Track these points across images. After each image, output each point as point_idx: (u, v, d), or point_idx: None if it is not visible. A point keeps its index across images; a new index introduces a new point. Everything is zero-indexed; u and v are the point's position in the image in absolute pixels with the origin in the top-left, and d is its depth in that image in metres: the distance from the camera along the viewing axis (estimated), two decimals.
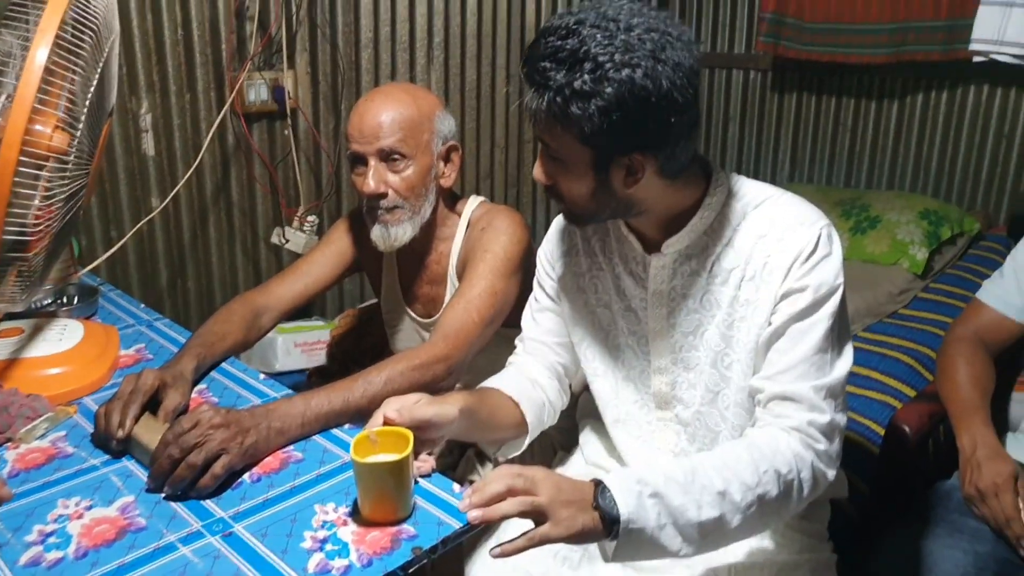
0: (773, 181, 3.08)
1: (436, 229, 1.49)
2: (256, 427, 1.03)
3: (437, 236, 1.50)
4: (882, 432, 1.69)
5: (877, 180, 2.98)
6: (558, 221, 1.27)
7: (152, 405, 1.09)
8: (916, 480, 1.52)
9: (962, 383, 1.37)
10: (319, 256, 1.56)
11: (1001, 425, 1.42)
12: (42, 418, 1.11)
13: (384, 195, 1.38)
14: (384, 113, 1.37)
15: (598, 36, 0.93)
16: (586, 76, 0.92)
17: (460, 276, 1.45)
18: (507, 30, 2.72)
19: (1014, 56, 2.43)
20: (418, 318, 1.58)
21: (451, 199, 1.51)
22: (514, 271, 1.40)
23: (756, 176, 1.73)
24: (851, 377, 1.84)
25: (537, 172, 1.07)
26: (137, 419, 1.05)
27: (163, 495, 0.96)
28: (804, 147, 3.14)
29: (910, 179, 2.89)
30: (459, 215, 1.50)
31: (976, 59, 2.51)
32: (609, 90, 0.92)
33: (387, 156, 1.37)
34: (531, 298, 1.31)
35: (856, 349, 2.00)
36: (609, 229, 1.19)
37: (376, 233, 1.41)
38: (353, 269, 1.61)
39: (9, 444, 1.07)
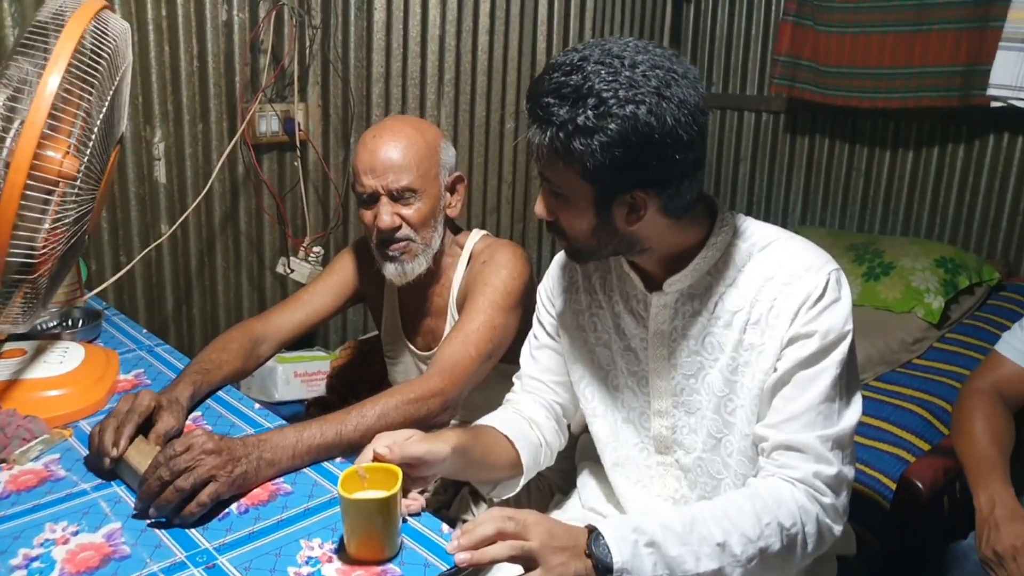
0: (784, 224, 3.10)
1: (440, 261, 1.49)
2: (247, 456, 1.02)
3: (440, 268, 1.50)
4: (893, 486, 1.63)
5: (892, 226, 2.94)
6: (559, 257, 1.26)
7: (146, 429, 1.09)
8: (929, 539, 1.47)
9: (979, 439, 1.32)
10: (321, 286, 1.56)
11: (1021, 484, 1.37)
12: (37, 440, 1.11)
13: (399, 228, 1.39)
14: (394, 150, 1.37)
15: (602, 72, 0.93)
16: (589, 112, 0.92)
17: (460, 309, 1.45)
18: (517, 68, 2.75)
19: None
20: (417, 351, 1.57)
21: (454, 231, 1.52)
22: (514, 305, 1.39)
23: (767, 218, 1.72)
24: (862, 428, 1.83)
25: (539, 208, 1.07)
26: (131, 440, 1.05)
27: (148, 521, 0.95)
28: (816, 190, 3.12)
29: (926, 226, 2.86)
30: (461, 247, 1.51)
31: (994, 104, 2.50)
32: (612, 126, 0.91)
33: (400, 194, 1.38)
34: (530, 335, 1.29)
35: (867, 399, 1.98)
36: (611, 266, 1.18)
37: (391, 270, 1.42)
38: (355, 300, 1.61)
39: (3, 465, 1.06)
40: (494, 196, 2.83)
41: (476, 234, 1.53)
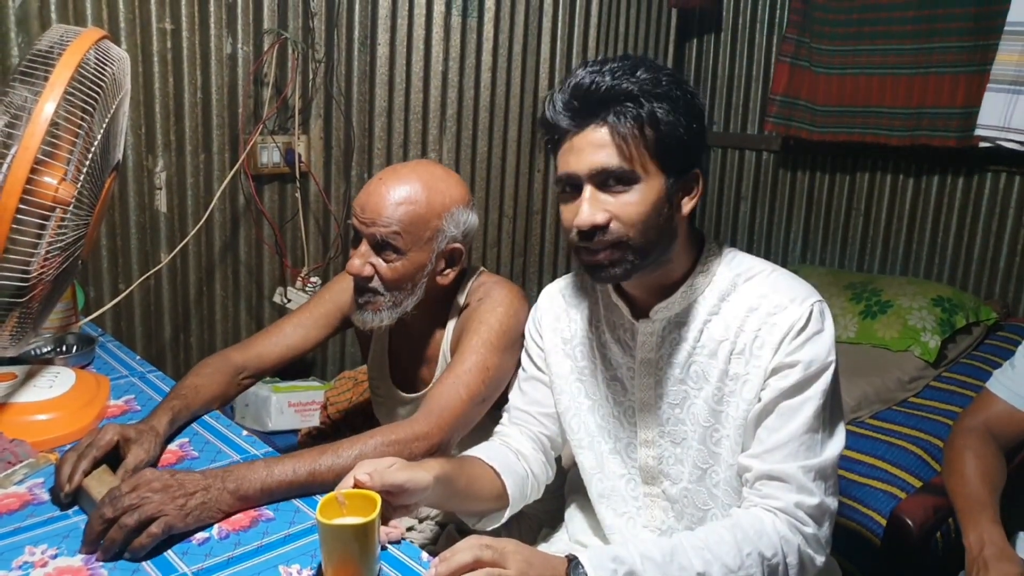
0: (784, 262, 3.12)
1: (432, 312, 1.41)
2: (205, 489, 0.99)
3: (433, 318, 1.42)
4: (884, 523, 1.63)
5: (891, 265, 2.96)
6: (547, 290, 1.27)
7: (116, 461, 1.07)
8: None
9: (970, 477, 1.31)
10: (306, 316, 1.50)
11: (1011, 523, 1.35)
12: (22, 464, 1.10)
13: (369, 278, 1.32)
14: (390, 198, 1.29)
15: (642, 62, 1.03)
16: (664, 82, 1.00)
17: (453, 353, 1.38)
18: (519, 105, 2.79)
19: (1020, 143, 2.43)
20: (403, 393, 1.50)
21: (453, 284, 1.40)
22: (509, 345, 1.31)
23: (768, 257, 1.72)
24: (855, 465, 1.83)
25: (589, 212, 1.00)
26: (87, 473, 1.03)
27: (96, 559, 0.93)
28: (816, 229, 3.14)
29: (924, 265, 2.87)
30: (455, 294, 1.42)
31: (982, 145, 2.52)
32: (686, 98, 1.01)
33: (380, 245, 1.30)
34: (519, 368, 1.30)
35: (862, 436, 1.98)
36: (598, 297, 1.19)
37: (355, 315, 1.37)
38: (344, 326, 1.54)
39: None
40: (495, 230, 2.85)
41: (471, 279, 1.43)
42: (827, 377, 1.02)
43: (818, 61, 2.89)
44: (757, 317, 1.04)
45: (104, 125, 1.11)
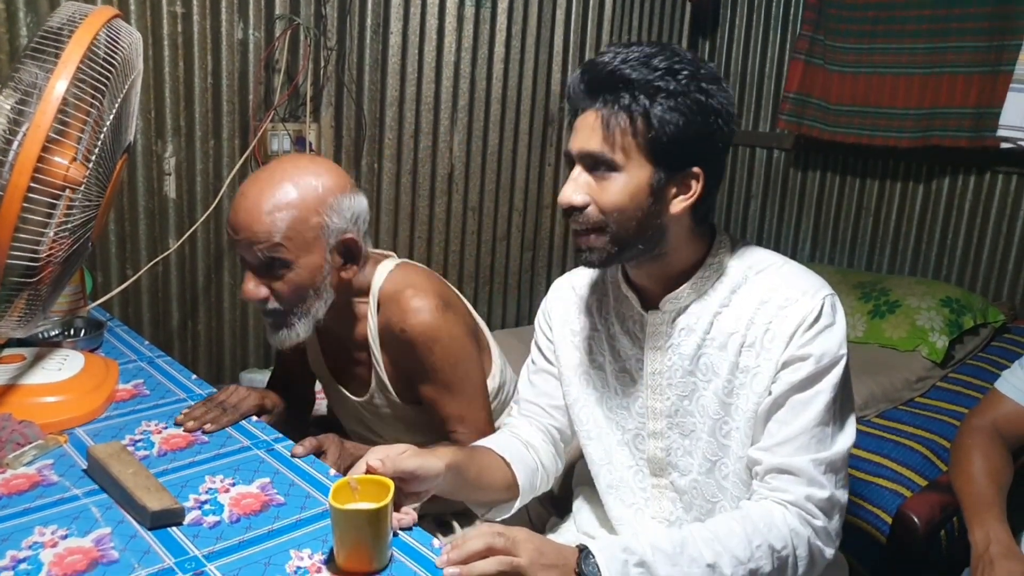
0: (794, 260, 3.10)
1: (349, 311, 1.35)
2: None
3: (352, 317, 1.36)
4: (890, 521, 1.64)
5: (900, 266, 2.95)
6: (557, 283, 1.27)
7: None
8: (924, 574, 1.46)
9: (977, 476, 1.32)
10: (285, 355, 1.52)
11: (1017, 522, 1.36)
12: (32, 445, 1.10)
13: (266, 300, 1.23)
14: (258, 214, 1.18)
15: (670, 53, 0.99)
16: (676, 79, 0.97)
17: (385, 362, 1.35)
18: (531, 97, 2.77)
19: None
20: (353, 397, 1.45)
21: (360, 273, 1.32)
22: (470, 358, 1.34)
23: None
24: (861, 463, 1.82)
25: (570, 192, 1.01)
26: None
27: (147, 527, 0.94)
28: (826, 228, 3.13)
29: (933, 266, 2.86)
30: (368, 291, 1.34)
31: (1004, 146, 2.51)
32: (695, 95, 0.97)
33: (266, 264, 1.21)
34: (528, 360, 1.29)
35: (869, 435, 1.98)
36: (608, 288, 1.19)
37: (271, 338, 1.29)
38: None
39: None
40: (504, 224, 2.84)
41: (382, 270, 1.35)
42: (838, 370, 1.02)
43: (832, 59, 2.87)
44: (768, 310, 1.03)
45: (116, 106, 1.10)
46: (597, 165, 1.00)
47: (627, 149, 0.98)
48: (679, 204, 1.02)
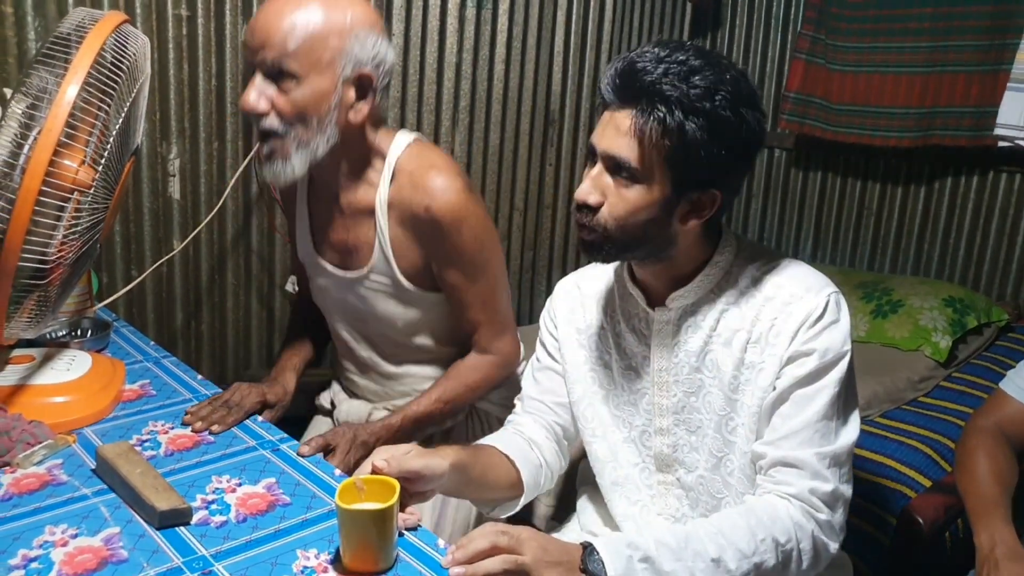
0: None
1: (354, 170, 1.32)
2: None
3: (358, 178, 1.33)
4: (894, 522, 1.63)
5: (902, 265, 2.95)
6: (563, 283, 1.28)
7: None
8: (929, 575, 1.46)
9: (982, 477, 1.32)
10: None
11: (1022, 523, 1.36)
12: (41, 445, 1.11)
13: (264, 114, 1.20)
14: (278, 19, 1.16)
15: (717, 68, 0.98)
16: (717, 100, 0.96)
17: (392, 236, 1.33)
18: (532, 97, 2.78)
19: None
20: (333, 267, 1.41)
21: (372, 132, 1.31)
22: (492, 237, 1.37)
23: None
24: (866, 463, 1.83)
25: (586, 190, 1.02)
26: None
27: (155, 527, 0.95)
28: (828, 228, 3.13)
29: (936, 266, 2.86)
30: (383, 157, 1.32)
31: (1001, 144, 2.51)
32: (731, 119, 0.97)
33: (274, 72, 1.18)
34: (532, 357, 1.30)
35: (872, 435, 1.99)
36: (613, 286, 1.19)
37: (263, 171, 1.26)
38: None
39: (7, 468, 1.07)
40: (505, 223, 2.85)
41: (401, 139, 1.33)
42: (843, 366, 1.03)
43: (834, 58, 2.87)
44: (773, 306, 1.05)
45: (124, 110, 1.11)
46: (619, 170, 1.01)
47: (653, 162, 0.98)
48: (692, 221, 1.04)
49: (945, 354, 2.40)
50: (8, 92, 1.04)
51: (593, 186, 1.02)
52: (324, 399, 1.63)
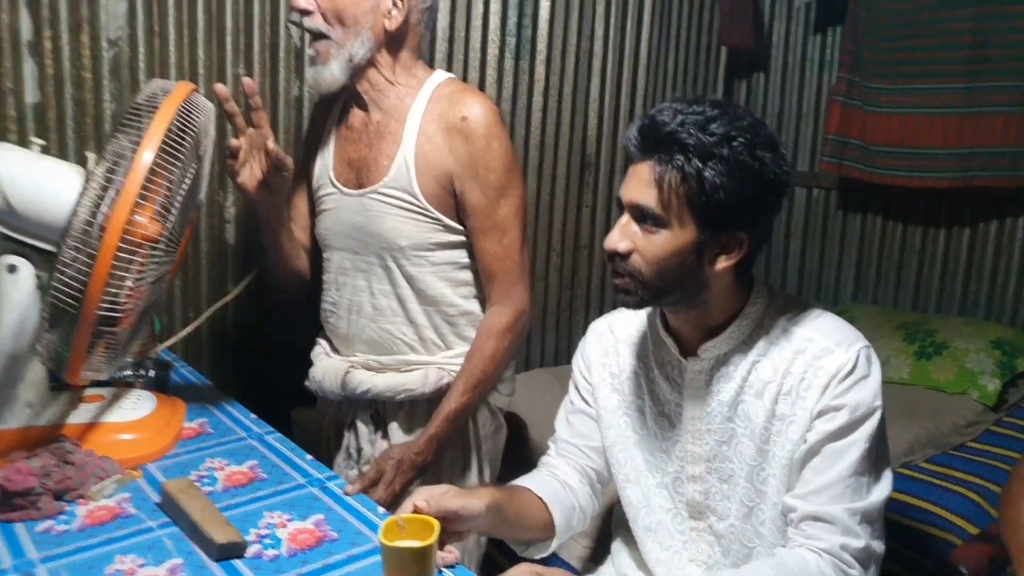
0: (836, 300, 3.10)
1: (385, 84, 1.43)
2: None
3: (388, 94, 1.44)
4: (936, 572, 1.61)
5: (947, 306, 2.91)
6: (595, 325, 1.31)
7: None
8: None
9: None
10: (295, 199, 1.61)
11: None
12: (111, 479, 1.19)
13: (309, 12, 1.34)
14: None
15: (732, 116, 1.03)
16: (734, 145, 1.01)
17: (418, 149, 1.40)
18: (568, 143, 2.85)
19: None
20: (342, 186, 1.50)
21: (410, 57, 1.45)
22: (517, 168, 1.41)
23: (818, 295, 1.64)
24: (909, 510, 1.81)
25: (616, 238, 1.08)
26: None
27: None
28: (869, 267, 3.12)
29: (983, 307, 2.82)
30: (419, 79, 1.45)
31: None
32: (750, 164, 1.01)
33: None
34: (566, 399, 1.34)
35: (916, 480, 1.96)
36: (647, 332, 1.23)
37: (308, 75, 1.40)
38: None
39: (81, 500, 1.15)
40: (543, 264, 2.91)
41: (440, 74, 1.47)
42: (873, 422, 1.04)
43: (869, 100, 2.90)
44: (804, 360, 1.07)
45: (192, 170, 1.21)
46: (645, 218, 1.06)
47: (676, 208, 1.03)
48: (721, 263, 1.07)
49: (995, 397, 2.36)
50: (92, 156, 1.14)
51: (622, 234, 1.07)
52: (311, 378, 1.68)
